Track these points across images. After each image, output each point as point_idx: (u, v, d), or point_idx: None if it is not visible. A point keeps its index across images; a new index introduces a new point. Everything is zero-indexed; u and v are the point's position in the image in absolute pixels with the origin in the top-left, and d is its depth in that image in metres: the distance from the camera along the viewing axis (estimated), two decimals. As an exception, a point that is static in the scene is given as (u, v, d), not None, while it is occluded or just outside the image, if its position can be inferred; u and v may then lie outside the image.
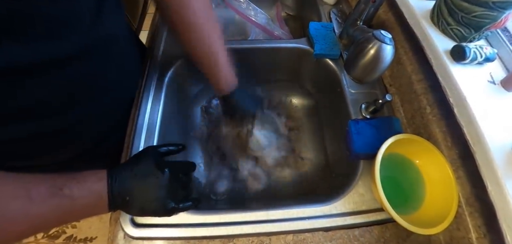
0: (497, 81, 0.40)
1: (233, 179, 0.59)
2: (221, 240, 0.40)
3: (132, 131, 0.48)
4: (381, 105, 0.49)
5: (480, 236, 0.35)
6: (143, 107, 0.50)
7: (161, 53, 0.58)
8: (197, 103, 0.68)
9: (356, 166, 0.46)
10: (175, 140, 0.56)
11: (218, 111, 0.65)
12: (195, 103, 0.68)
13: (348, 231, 0.41)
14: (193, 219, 0.41)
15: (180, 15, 0.41)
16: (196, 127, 0.66)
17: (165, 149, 0.39)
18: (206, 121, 0.66)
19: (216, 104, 0.66)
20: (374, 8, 0.51)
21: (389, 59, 0.38)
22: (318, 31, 0.61)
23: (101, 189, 0.31)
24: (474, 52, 0.39)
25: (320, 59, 0.61)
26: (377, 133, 0.46)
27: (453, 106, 0.38)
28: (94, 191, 0.31)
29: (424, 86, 0.47)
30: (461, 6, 0.40)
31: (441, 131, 0.42)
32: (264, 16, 0.75)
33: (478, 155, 0.34)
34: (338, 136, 0.58)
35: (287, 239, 0.41)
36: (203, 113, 0.67)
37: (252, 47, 0.62)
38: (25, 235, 0.29)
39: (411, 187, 0.43)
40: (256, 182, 0.59)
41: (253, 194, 0.57)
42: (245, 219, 0.41)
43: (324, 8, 0.70)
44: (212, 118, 0.65)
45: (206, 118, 0.66)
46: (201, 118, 0.67)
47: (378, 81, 0.56)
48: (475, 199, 0.36)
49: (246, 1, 0.75)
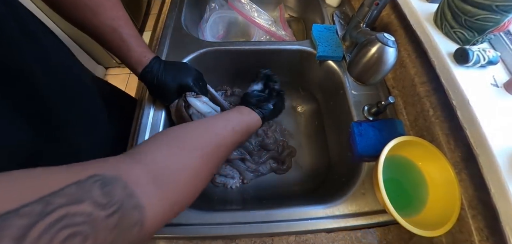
0: (500, 84, 0.40)
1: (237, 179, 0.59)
2: (223, 240, 0.40)
3: (136, 130, 0.48)
4: (384, 107, 0.49)
5: (482, 239, 0.35)
6: (147, 107, 0.51)
7: (166, 54, 0.59)
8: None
9: (359, 168, 0.46)
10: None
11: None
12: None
13: (351, 232, 0.41)
14: (195, 218, 0.41)
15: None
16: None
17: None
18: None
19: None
20: (377, 10, 0.52)
21: (392, 62, 0.38)
22: (321, 33, 0.61)
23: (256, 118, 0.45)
24: (477, 55, 0.39)
25: (323, 61, 0.61)
26: (380, 135, 0.46)
27: (456, 109, 0.38)
28: (253, 120, 0.45)
29: (427, 88, 0.47)
30: (465, 9, 0.40)
31: (444, 133, 0.42)
32: (267, 17, 0.75)
33: (481, 157, 0.34)
34: (340, 138, 0.58)
35: (289, 239, 0.41)
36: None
37: (255, 48, 0.62)
38: (224, 157, 0.37)
39: (414, 189, 0.43)
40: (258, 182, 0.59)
41: (255, 195, 0.58)
42: (247, 220, 0.41)
43: (327, 10, 0.71)
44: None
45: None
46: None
47: (381, 83, 0.56)
48: (478, 202, 0.36)
49: (249, 2, 0.76)
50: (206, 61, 0.61)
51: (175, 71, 0.47)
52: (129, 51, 0.43)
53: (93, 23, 0.40)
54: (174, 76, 0.47)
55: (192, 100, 0.46)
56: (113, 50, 0.43)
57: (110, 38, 0.42)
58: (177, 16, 0.66)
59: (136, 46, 0.44)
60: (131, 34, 0.43)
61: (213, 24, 0.77)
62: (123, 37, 0.42)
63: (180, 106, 0.47)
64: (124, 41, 0.42)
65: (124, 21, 0.43)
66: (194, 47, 0.60)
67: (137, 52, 0.44)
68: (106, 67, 1.71)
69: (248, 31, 0.78)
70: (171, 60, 0.57)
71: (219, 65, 0.64)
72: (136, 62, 0.44)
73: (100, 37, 0.42)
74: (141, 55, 0.44)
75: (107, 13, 0.40)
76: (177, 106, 0.48)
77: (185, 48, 0.60)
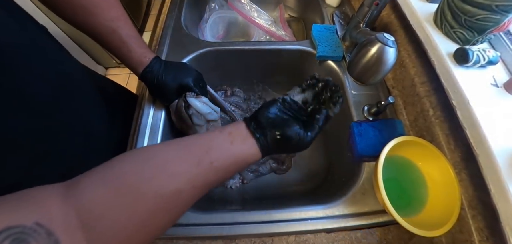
0: (500, 84, 0.40)
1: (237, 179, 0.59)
2: (223, 240, 0.40)
3: (136, 130, 0.48)
4: (384, 107, 0.49)
5: (482, 239, 0.35)
6: (147, 107, 0.51)
7: (166, 54, 0.59)
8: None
9: (359, 168, 0.46)
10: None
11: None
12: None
13: (350, 232, 0.41)
14: (195, 218, 0.41)
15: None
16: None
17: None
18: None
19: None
20: (377, 10, 0.52)
21: (392, 62, 0.38)
22: (321, 33, 0.61)
23: (250, 147, 0.30)
24: (477, 55, 0.39)
25: (323, 61, 0.61)
26: (380, 135, 0.46)
27: (456, 109, 0.38)
28: (246, 152, 0.30)
29: (427, 88, 0.47)
30: (465, 9, 0.40)
31: (444, 133, 0.42)
32: (267, 17, 0.75)
33: (481, 157, 0.34)
34: (340, 138, 0.58)
35: (289, 240, 0.41)
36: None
37: (255, 48, 0.62)
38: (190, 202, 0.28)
39: (414, 189, 0.43)
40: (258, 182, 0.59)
41: (255, 195, 0.58)
42: (247, 220, 0.41)
43: (327, 10, 0.71)
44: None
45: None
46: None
47: (381, 83, 0.56)
48: (478, 202, 0.36)
49: (249, 2, 0.76)
50: (206, 61, 0.61)
51: (175, 71, 0.47)
52: (129, 52, 0.43)
53: (91, 24, 0.40)
54: (174, 76, 0.46)
55: (192, 100, 0.46)
56: (113, 51, 0.43)
57: (110, 39, 0.41)
58: (177, 16, 0.66)
59: (136, 47, 0.43)
60: (131, 35, 0.43)
61: (213, 24, 0.77)
62: (122, 38, 0.42)
63: (180, 106, 0.47)
64: (124, 42, 0.42)
65: (124, 21, 0.42)
66: (194, 47, 0.60)
67: (138, 52, 0.44)
68: (106, 67, 1.71)
69: (248, 31, 0.78)
70: (171, 60, 0.57)
71: (219, 65, 0.64)
72: (137, 63, 0.44)
73: (99, 38, 0.42)
74: (141, 55, 0.44)
75: (105, 13, 0.40)
76: (177, 106, 0.48)
77: (185, 48, 0.60)
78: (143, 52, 0.44)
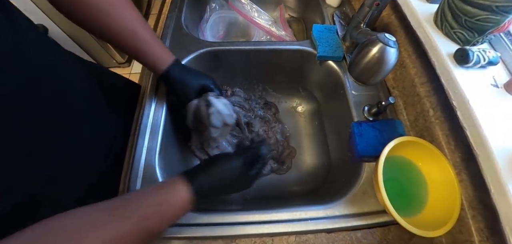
0: (500, 85, 0.40)
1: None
2: (223, 240, 0.40)
3: (136, 130, 0.48)
4: (384, 107, 0.49)
5: (482, 239, 0.35)
6: (147, 107, 0.51)
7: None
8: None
9: (359, 168, 0.46)
10: (179, 140, 0.56)
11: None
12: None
13: (351, 232, 0.41)
14: (195, 218, 0.41)
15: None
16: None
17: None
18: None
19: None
20: (378, 11, 0.52)
21: (392, 62, 0.38)
22: (322, 33, 0.61)
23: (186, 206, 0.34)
24: (477, 55, 0.39)
25: (323, 61, 0.61)
26: (380, 136, 0.46)
27: (456, 109, 0.38)
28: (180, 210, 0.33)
29: (427, 89, 0.47)
30: (465, 10, 0.40)
31: (444, 134, 0.43)
32: (267, 17, 0.75)
33: (481, 158, 0.34)
34: (340, 138, 0.58)
35: (289, 240, 0.41)
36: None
37: (255, 48, 0.62)
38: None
39: (414, 189, 0.43)
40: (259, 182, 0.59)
41: (255, 195, 0.58)
42: (247, 220, 0.41)
43: (327, 10, 0.71)
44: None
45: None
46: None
47: (381, 84, 0.56)
48: (478, 202, 0.36)
49: (250, 2, 0.76)
50: (206, 61, 0.61)
51: (194, 74, 0.50)
52: (152, 51, 0.44)
53: (107, 25, 0.40)
54: (195, 77, 0.49)
55: (213, 100, 0.47)
56: (132, 51, 0.44)
57: (129, 39, 0.42)
58: (177, 16, 0.66)
59: (159, 46, 0.45)
60: (151, 34, 0.44)
61: (213, 24, 0.77)
62: (146, 38, 0.43)
63: (200, 104, 0.48)
64: (146, 42, 0.43)
65: (142, 21, 0.43)
66: (194, 47, 0.60)
67: (161, 51, 0.46)
68: (106, 67, 1.71)
69: (248, 31, 0.78)
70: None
71: (219, 65, 0.64)
72: (160, 61, 0.46)
73: (116, 39, 0.42)
74: (164, 54, 0.46)
75: (123, 14, 0.41)
76: (197, 105, 0.49)
77: (185, 48, 0.60)
78: (165, 51, 0.47)
